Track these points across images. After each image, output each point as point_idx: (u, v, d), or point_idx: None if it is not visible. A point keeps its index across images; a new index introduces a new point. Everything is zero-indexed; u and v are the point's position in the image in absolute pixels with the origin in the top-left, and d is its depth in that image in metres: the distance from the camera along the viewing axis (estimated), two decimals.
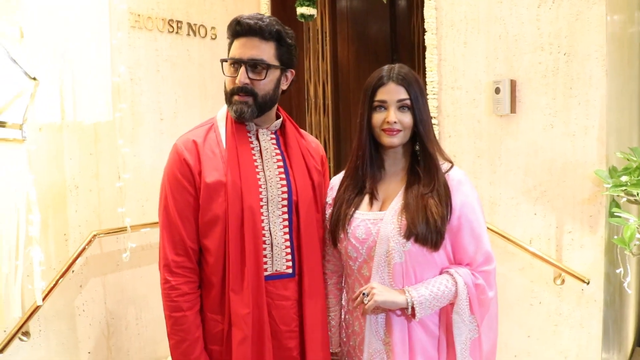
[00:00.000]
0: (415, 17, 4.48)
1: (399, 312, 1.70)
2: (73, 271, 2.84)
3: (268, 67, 1.76)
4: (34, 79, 2.33)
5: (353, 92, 4.44)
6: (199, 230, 1.77)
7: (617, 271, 2.77)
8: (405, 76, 1.72)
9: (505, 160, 2.94)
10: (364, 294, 1.67)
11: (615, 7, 2.83)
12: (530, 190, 2.87)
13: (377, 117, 1.73)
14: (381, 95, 1.72)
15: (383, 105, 1.72)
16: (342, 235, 1.77)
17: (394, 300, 1.65)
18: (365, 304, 1.65)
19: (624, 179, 2.52)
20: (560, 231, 2.80)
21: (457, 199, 1.71)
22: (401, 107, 1.71)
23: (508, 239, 2.87)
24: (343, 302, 1.94)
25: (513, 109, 2.88)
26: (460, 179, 1.75)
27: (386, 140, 1.73)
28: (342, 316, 1.93)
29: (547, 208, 2.82)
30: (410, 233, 1.65)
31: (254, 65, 1.74)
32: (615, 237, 2.63)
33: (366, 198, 1.78)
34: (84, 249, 2.82)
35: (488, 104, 2.97)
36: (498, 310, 1.79)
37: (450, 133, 3.10)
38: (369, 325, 1.74)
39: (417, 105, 1.72)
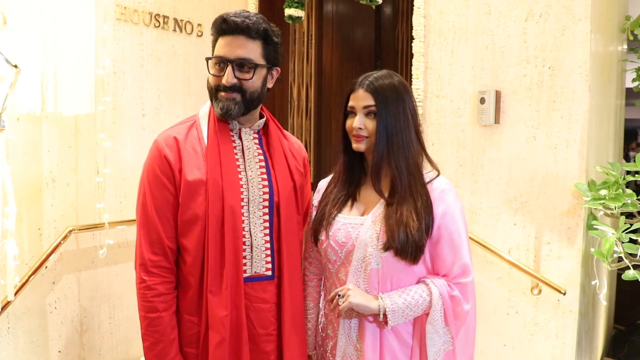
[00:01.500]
0: (400, 25, 4.50)
1: (371, 319, 1.70)
2: (46, 267, 2.77)
3: (255, 66, 1.73)
4: (15, 66, 2.26)
5: (335, 95, 4.44)
6: (178, 229, 1.74)
7: (593, 283, 2.82)
8: (377, 84, 1.71)
9: (488, 170, 2.97)
10: (339, 295, 1.66)
11: (598, 26, 2.89)
12: (510, 200, 2.90)
13: (348, 122, 1.77)
14: (351, 101, 1.75)
15: (353, 111, 1.75)
16: (323, 237, 1.77)
17: (367, 305, 1.65)
18: (340, 305, 1.66)
19: (603, 192, 2.57)
20: (539, 242, 2.83)
21: (439, 209, 1.70)
22: (368, 113, 1.71)
23: (487, 248, 2.89)
24: (321, 306, 1.93)
25: (497, 120, 2.91)
26: (444, 189, 1.73)
27: (354, 145, 1.75)
28: (319, 319, 1.92)
29: (527, 219, 2.86)
30: (389, 246, 1.65)
31: (241, 65, 1.71)
32: (593, 249, 2.67)
33: (349, 202, 1.80)
34: (59, 244, 2.75)
35: (472, 114, 3.00)
36: (476, 325, 1.77)
37: (434, 141, 3.12)
38: (342, 329, 1.74)
39: (383, 112, 1.70)
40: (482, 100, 2.90)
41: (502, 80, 2.91)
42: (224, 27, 1.71)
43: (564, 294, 2.72)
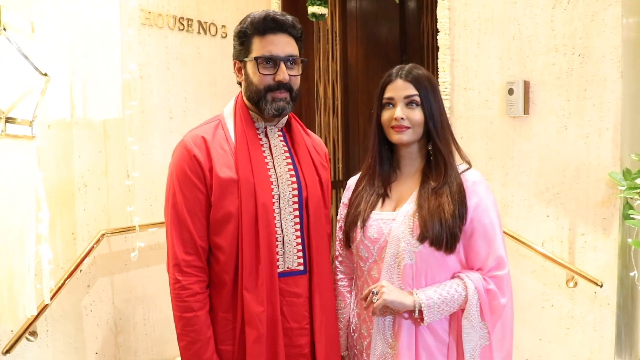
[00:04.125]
0: (425, 18, 4.45)
1: (406, 315, 1.67)
2: (81, 270, 2.82)
3: (302, 62, 1.80)
4: (45, 74, 2.30)
5: (362, 92, 4.42)
6: (210, 227, 1.75)
7: (631, 274, 2.74)
8: (415, 73, 1.71)
9: (518, 162, 2.92)
10: (373, 292, 1.64)
11: (631, 10, 2.80)
12: (542, 192, 2.84)
13: (386, 115, 1.73)
14: (389, 92, 1.72)
15: (391, 102, 1.71)
16: (355, 235, 1.75)
17: (402, 301, 1.62)
18: (374, 303, 1.63)
19: (639, 181, 2.49)
20: (573, 234, 2.77)
21: (472, 201, 1.67)
22: (409, 103, 1.69)
23: (520, 241, 2.84)
24: (352, 305, 1.91)
25: (526, 111, 2.85)
26: (476, 180, 1.71)
27: (395, 137, 1.71)
28: (350, 319, 1.90)
29: (560, 210, 2.79)
30: (424, 236, 1.63)
31: (292, 62, 1.76)
32: (630, 239, 2.60)
33: (381, 198, 1.77)
34: (92, 247, 2.79)
35: (501, 105, 2.95)
36: (513, 319, 1.73)
37: (462, 134, 3.07)
38: (377, 328, 1.71)
39: (427, 101, 1.70)
40: (511, 91, 2.85)
41: (530, 70, 2.85)
42: (271, 25, 1.73)
43: (601, 286, 2.66)
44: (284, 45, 1.73)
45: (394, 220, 1.69)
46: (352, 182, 1.90)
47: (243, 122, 1.79)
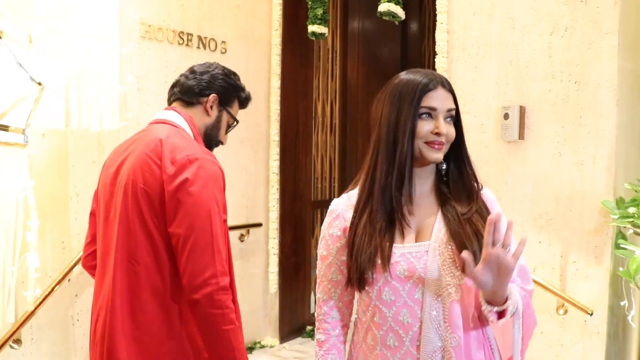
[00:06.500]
0: (426, 41, 4.48)
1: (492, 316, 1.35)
2: (69, 280, 2.81)
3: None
4: (39, 83, 2.33)
5: (361, 112, 4.43)
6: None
7: (622, 304, 2.71)
8: (450, 83, 1.49)
9: (512, 187, 2.91)
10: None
11: (629, 39, 2.82)
12: (536, 218, 2.83)
13: (425, 127, 1.42)
14: (430, 101, 1.43)
15: (431, 113, 1.43)
16: (377, 276, 1.43)
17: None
18: (506, 257, 1.29)
19: (632, 210, 2.48)
20: (565, 261, 2.75)
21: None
22: (448, 117, 1.45)
23: None
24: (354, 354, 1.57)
25: (521, 136, 2.85)
26: (494, 199, 1.55)
27: (432, 155, 1.43)
28: None
29: (553, 237, 2.78)
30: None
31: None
32: (621, 269, 2.58)
33: (396, 227, 1.45)
34: (81, 257, 2.78)
35: (496, 130, 2.95)
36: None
37: None
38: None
39: (459, 117, 1.49)
40: (506, 116, 2.85)
41: (526, 95, 2.86)
42: (245, 103, 2.06)
43: (591, 314, 2.63)
44: None
45: (427, 252, 1.42)
46: (339, 207, 1.55)
47: None
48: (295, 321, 4.17)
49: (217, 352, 1.67)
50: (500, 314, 1.35)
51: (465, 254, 1.28)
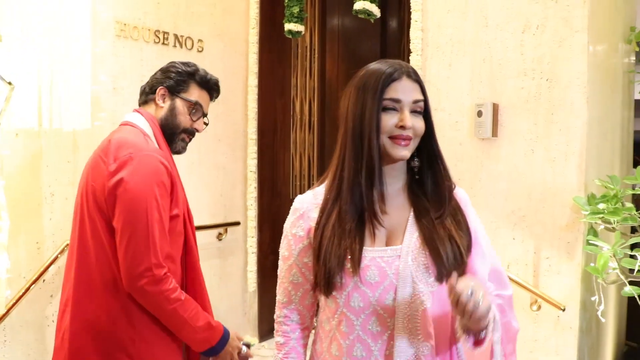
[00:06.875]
0: (405, 38, 4.49)
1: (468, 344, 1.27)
2: (44, 280, 2.80)
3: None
4: (10, 83, 2.31)
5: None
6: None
7: (592, 299, 2.75)
8: (418, 74, 1.38)
9: (486, 183, 2.93)
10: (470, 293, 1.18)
11: (598, 37, 2.85)
12: (509, 215, 2.86)
13: (389, 120, 1.32)
14: (394, 92, 1.32)
15: (395, 107, 1.32)
16: (345, 281, 1.33)
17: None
18: (477, 309, 1.17)
19: (602, 206, 2.51)
20: (538, 257, 2.78)
21: (471, 225, 1.42)
22: (414, 110, 1.33)
23: None
24: None
25: (495, 133, 2.87)
26: (467, 200, 1.46)
27: (397, 152, 1.33)
28: None
29: (526, 233, 2.81)
30: (441, 273, 1.32)
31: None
32: (592, 264, 2.61)
33: (365, 229, 1.36)
34: (56, 257, 2.78)
35: (470, 127, 2.97)
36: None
37: None
38: None
39: (429, 108, 1.37)
40: (480, 114, 2.87)
41: (500, 93, 2.88)
42: (214, 89, 2.08)
43: (564, 310, 2.66)
44: (208, 105, 2.06)
45: (399, 257, 1.33)
46: (304, 205, 1.45)
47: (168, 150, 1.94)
48: (274, 320, 4.16)
49: (173, 327, 1.78)
50: (478, 342, 1.27)
51: (453, 280, 1.19)
